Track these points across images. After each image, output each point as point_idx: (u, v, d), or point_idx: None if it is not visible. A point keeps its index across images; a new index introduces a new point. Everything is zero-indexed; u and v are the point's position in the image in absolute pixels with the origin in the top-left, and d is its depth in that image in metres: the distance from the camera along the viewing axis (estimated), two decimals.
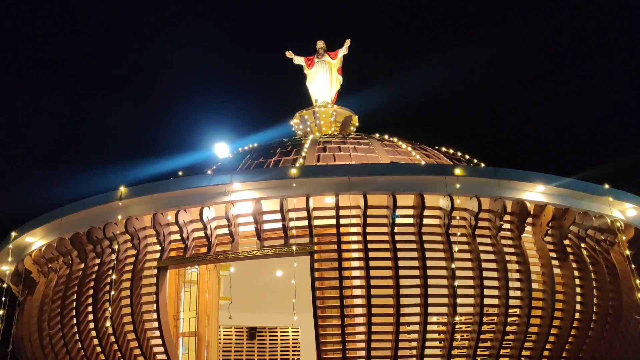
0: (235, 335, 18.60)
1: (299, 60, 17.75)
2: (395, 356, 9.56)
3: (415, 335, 9.89)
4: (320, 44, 17.65)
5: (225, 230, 10.37)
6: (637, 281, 10.74)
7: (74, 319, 10.71)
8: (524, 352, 10.09)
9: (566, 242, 10.75)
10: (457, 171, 10.12)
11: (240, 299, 16.42)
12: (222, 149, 10.03)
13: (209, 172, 12.33)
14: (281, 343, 18.86)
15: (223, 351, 17.80)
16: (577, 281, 10.55)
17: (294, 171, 10.01)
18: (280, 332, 18.91)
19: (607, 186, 11.20)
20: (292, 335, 18.86)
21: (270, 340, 18.92)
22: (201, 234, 10.44)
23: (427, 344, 9.72)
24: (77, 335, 10.68)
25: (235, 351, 18.40)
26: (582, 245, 10.99)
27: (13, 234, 12.11)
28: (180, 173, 12.55)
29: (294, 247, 10.01)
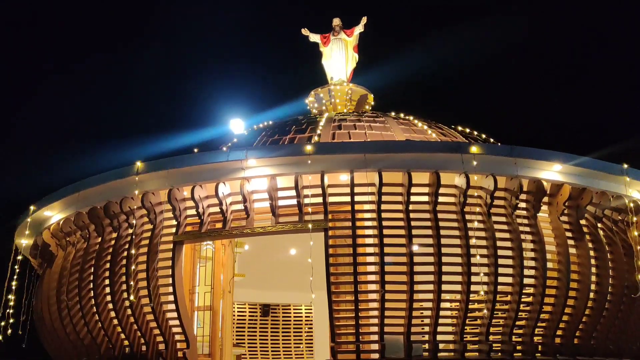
0: (249, 312, 18.84)
1: (314, 37, 17.63)
2: (408, 333, 9.61)
3: (428, 313, 9.93)
4: (336, 22, 17.50)
5: (241, 206, 10.43)
6: None
7: (92, 292, 10.89)
8: (537, 331, 10.08)
9: (583, 222, 10.67)
10: (474, 149, 10.04)
11: (254, 276, 16.60)
12: (237, 125, 10.02)
13: (225, 148, 12.37)
14: (294, 320, 19.07)
15: (237, 328, 18.07)
16: (593, 261, 10.49)
17: (309, 148, 10.00)
18: (294, 309, 19.11)
19: (625, 166, 11.05)
20: (305, 313, 19.05)
21: (283, 317, 19.13)
22: (217, 209, 10.51)
23: (440, 321, 9.75)
24: (94, 307, 10.86)
25: (249, 328, 18.66)
26: (599, 225, 10.91)
27: (32, 207, 12.29)
28: (195, 150, 12.61)
29: (308, 224, 10.04)
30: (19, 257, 12.80)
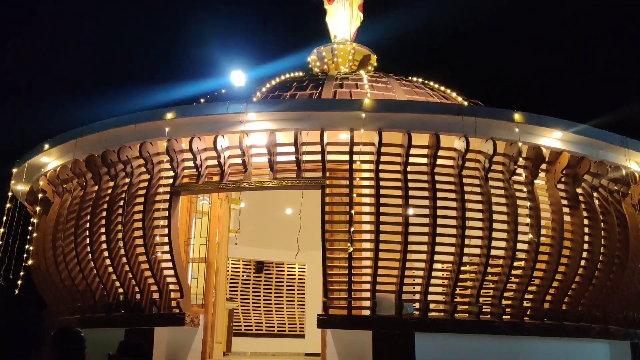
0: (243, 268, 19.04)
1: None
2: (399, 292, 9.73)
3: (420, 273, 10.04)
4: None
5: (239, 160, 10.41)
6: None
7: (87, 239, 10.95)
8: (526, 296, 10.23)
9: (579, 190, 10.71)
10: (475, 112, 9.98)
11: (249, 233, 16.72)
12: (238, 77, 9.89)
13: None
14: (287, 278, 19.30)
15: (230, 283, 18.29)
16: (586, 229, 10.57)
17: (309, 103, 9.92)
18: (287, 267, 19.32)
19: (625, 136, 11.03)
20: (299, 271, 19.28)
21: (276, 274, 19.35)
22: (214, 162, 10.49)
23: (432, 282, 9.87)
24: (90, 254, 10.93)
25: (242, 284, 18.89)
26: (595, 194, 10.95)
27: (28, 153, 12.24)
28: (195, 103, 12.50)
29: (306, 181, 10.03)
30: (11, 204, 12.82)
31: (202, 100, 12.70)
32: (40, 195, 12.63)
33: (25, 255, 12.86)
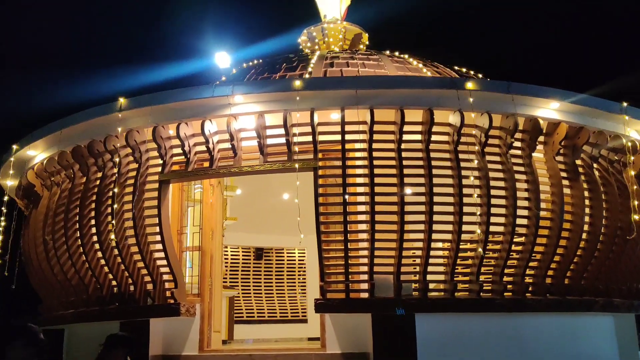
0: (243, 255, 18.90)
1: None
2: (397, 273, 9.51)
3: (419, 253, 9.82)
4: None
5: (228, 145, 10.13)
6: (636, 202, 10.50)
7: (78, 232, 10.72)
8: (528, 272, 10.01)
9: (578, 162, 10.44)
10: (469, 85, 9.67)
11: (247, 220, 16.53)
12: (223, 59, 9.58)
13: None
14: (287, 263, 19.18)
15: (230, 271, 18.15)
16: (587, 202, 10.32)
17: (298, 83, 9.62)
18: (287, 252, 19.19)
19: (624, 104, 10.72)
20: (299, 256, 19.14)
21: (276, 260, 19.23)
22: (203, 148, 10.22)
23: (431, 261, 9.64)
24: (81, 247, 10.71)
25: (242, 271, 18.77)
26: (595, 165, 10.68)
27: (14, 147, 11.98)
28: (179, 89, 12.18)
29: (297, 163, 9.77)
30: (5, 198, 12.61)
31: (179, 83, 12.37)
32: (28, 190, 12.38)
33: (19, 251, 12.68)
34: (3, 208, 12.19)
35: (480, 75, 13.88)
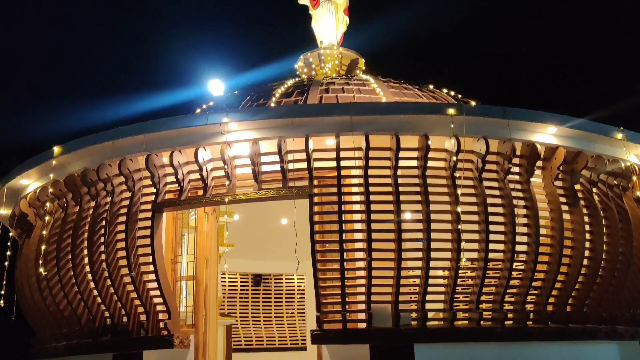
0: (241, 282, 18.65)
1: (304, 0, 17.02)
2: (396, 301, 9.31)
3: (417, 281, 9.62)
4: None
5: (222, 172, 10.02)
6: None
7: (70, 262, 10.55)
8: (528, 299, 9.81)
9: (577, 186, 10.31)
10: (465, 110, 9.59)
11: (245, 246, 16.32)
12: (216, 86, 9.52)
13: (199, 110, 11.90)
14: (286, 290, 18.91)
15: (229, 298, 17.88)
16: (587, 227, 10.16)
17: (292, 110, 9.55)
18: (286, 279, 18.93)
19: (622, 128, 10.63)
20: (297, 282, 18.88)
21: (275, 287, 18.96)
22: (197, 175, 10.11)
23: (430, 289, 9.45)
24: (73, 278, 10.53)
25: (240, 298, 18.48)
26: (594, 190, 10.55)
27: (7, 176, 11.87)
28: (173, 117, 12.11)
29: (292, 190, 9.64)
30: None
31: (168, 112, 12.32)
32: (21, 219, 12.24)
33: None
34: None
35: (476, 100, 13.82)
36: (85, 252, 10.42)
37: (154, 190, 10.23)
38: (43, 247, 10.95)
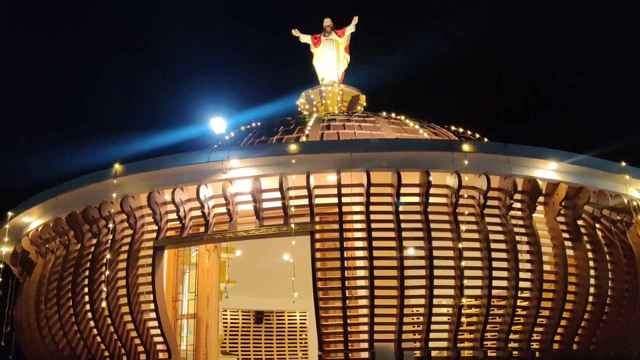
0: (243, 319, 18.41)
1: (305, 38, 17.30)
2: (399, 339, 9.18)
3: (420, 319, 9.51)
4: (327, 22, 17.17)
5: (223, 209, 10.02)
6: None
7: (70, 300, 10.48)
8: (534, 337, 9.66)
9: (580, 222, 10.26)
10: (465, 147, 9.64)
11: (246, 282, 16.15)
12: (218, 124, 9.63)
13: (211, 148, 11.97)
14: (288, 327, 18.64)
15: (230, 335, 17.63)
16: (592, 263, 10.07)
17: (293, 147, 9.61)
18: (288, 315, 18.69)
19: (623, 164, 10.64)
20: (300, 319, 18.63)
21: (277, 324, 18.70)
22: (198, 213, 10.11)
23: (433, 327, 9.33)
24: (73, 317, 10.44)
25: (242, 335, 18.21)
26: (597, 225, 10.49)
27: (10, 214, 11.89)
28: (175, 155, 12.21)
29: (293, 227, 9.63)
30: (0, 265, 12.42)
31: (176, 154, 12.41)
32: (22, 257, 12.21)
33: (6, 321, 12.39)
34: None
35: (476, 136, 13.90)
36: (86, 290, 10.35)
37: (156, 227, 10.22)
38: (44, 285, 10.89)
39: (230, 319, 17.88)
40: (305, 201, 9.78)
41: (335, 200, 9.73)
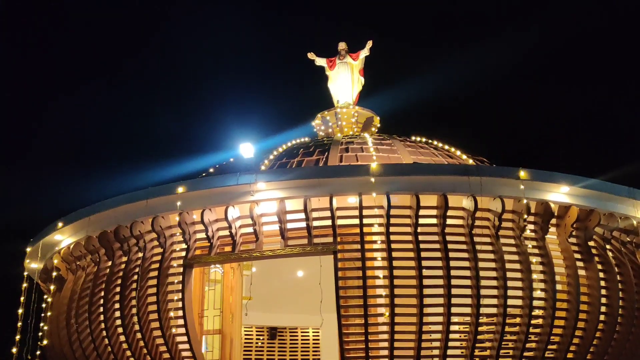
0: (257, 335, 18.72)
1: (320, 61, 17.86)
2: (418, 356, 9.59)
3: (438, 336, 9.91)
4: (342, 46, 17.72)
5: (250, 230, 10.50)
6: None
7: (102, 316, 10.93)
8: (547, 355, 10.04)
9: (591, 243, 10.68)
10: (481, 171, 10.11)
11: (261, 298, 16.49)
12: (247, 149, 10.15)
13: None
14: (302, 343, 18.91)
15: (244, 351, 17.94)
16: (603, 283, 10.47)
17: (317, 171, 10.10)
18: (301, 332, 18.97)
19: (632, 187, 11.10)
20: (313, 336, 18.92)
21: (290, 340, 18.99)
22: (226, 232, 10.59)
23: (450, 344, 9.73)
24: (104, 332, 10.89)
25: (256, 351, 18.51)
26: (608, 246, 10.90)
27: (43, 232, 12.39)
28: (204, 174, 12.74)
29: (317, 247, 10.09)
30: (27, 283, 12.90)
31: (211, 170, 12.92)
32: (54, 274, 12.68)
33: (40, 334, 12.80)
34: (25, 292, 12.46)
35: (488, 159, 14.37)
36: (117, 305, 10.81)
37: (185, 246, 10.70)
38: (75, 300, 11.35)
39: (245, 335, 18.23)
40: (328, 222, 10.25)
41: (356, 221, 10.20)
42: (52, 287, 12.81)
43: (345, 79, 17.61)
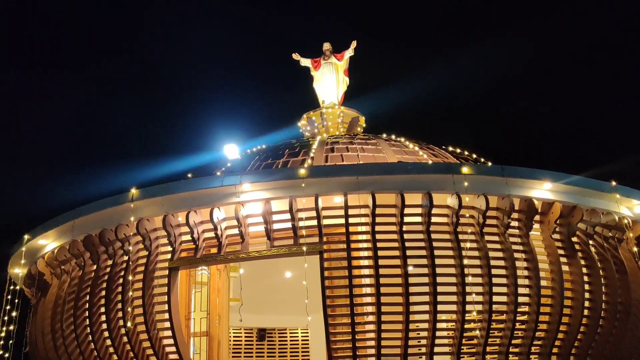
0: (245, 336, 18.69)
1: (305, 62, 17.89)
2: (405, 354, 9.63)
3: (424, 334, 9.96)
4: (326, 46, 17.79)
5: (236, 231, 10.48)
6: None
7: (87, 320, 10.85)
8: (533, 349, 10.13)
9: (574, 239, 10.79)
10: (465, 169, 10.19)
11: (249, 300, 16.47)
12: (231, 150, 10.14)
13: (219, 173, 12.47)
14: (290, 344, 18.91)
15: (233, 352, 17.90)
16: (586, 278, 10.59)
17: (302, 171, 10.12)
18: (290, 333, 18.97)
19: (614, 183, 11.24)
20: (302, 336, 18.92)
21: (279, 341, 18.97)
22: (212, 234, 10.56)
23: (437, 341, 9.79)
24: (90, 336, 10.81)
25: (245, 352, 18.48)
26: (590, 242, 11.02)
27: (26, 236, 12.28)
28: (189, 175, 12.68)
29: (303, 247, 10.10)
30: (12, 287, 12.77)
31: (190, 175, 12.89)
32: (38, 278, 12.57)
33: (25, 340, 12.69)
34: (9, 297, 12.34)
35: (474, 156, 14.46)
36: (102, 309, 10.73)
37: (170, 249, 10.66)
38: (59, 305, 11.25)
39: (234, 336, 18.18)
40: (314, 222, 10.26)
41: (342, 221, 10.22)
42: (36, 293, 12.70)
43: (330, 79, 17.66)
